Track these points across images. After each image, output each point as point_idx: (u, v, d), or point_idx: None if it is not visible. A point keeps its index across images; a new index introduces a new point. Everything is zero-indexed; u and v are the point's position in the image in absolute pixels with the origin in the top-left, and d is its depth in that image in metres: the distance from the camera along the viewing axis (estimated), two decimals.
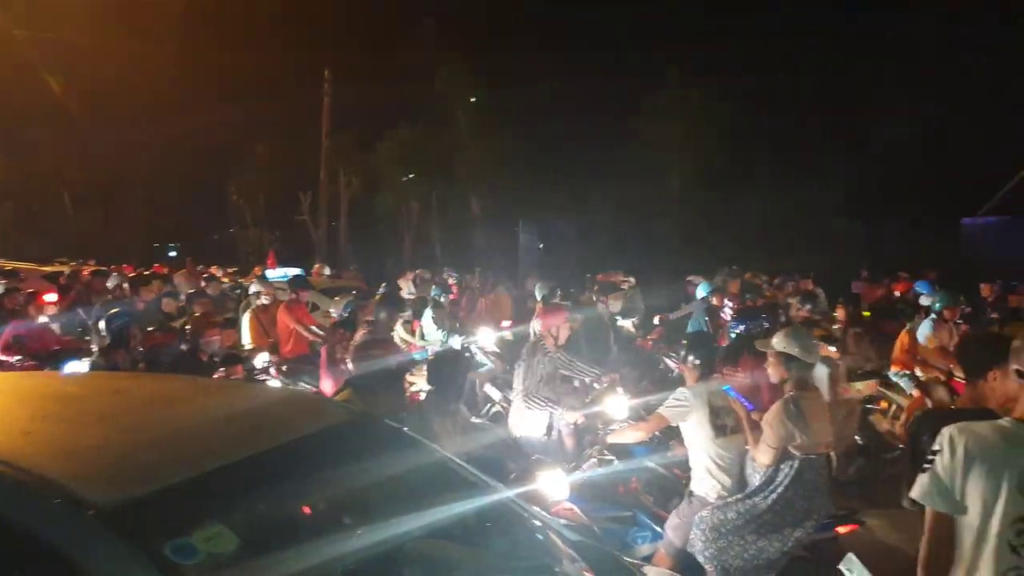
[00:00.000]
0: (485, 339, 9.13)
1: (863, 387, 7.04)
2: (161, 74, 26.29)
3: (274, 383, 7.45)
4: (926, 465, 2.41)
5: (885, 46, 24.63)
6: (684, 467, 4.65)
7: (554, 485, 4.21)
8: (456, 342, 9.24)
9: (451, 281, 15.34)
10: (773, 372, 4.33)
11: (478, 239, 23.77)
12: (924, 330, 7.43)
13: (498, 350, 8.88)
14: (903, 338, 7.55)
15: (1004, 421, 2.47)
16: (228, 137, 25.27)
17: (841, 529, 4.13)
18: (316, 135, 24.31)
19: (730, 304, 8.72)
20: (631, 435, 4.87)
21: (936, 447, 2.40)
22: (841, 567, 4.11)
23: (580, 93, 22.39)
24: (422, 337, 9.59)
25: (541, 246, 21.82)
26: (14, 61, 24.73)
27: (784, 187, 22.80)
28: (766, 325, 6.88)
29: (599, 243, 23.86)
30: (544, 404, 5.77)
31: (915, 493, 2.42)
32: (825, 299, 10.21)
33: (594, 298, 9.81)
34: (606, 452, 5.09)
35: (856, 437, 6.51)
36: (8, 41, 22.82)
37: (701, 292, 9.59)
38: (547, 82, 22.39)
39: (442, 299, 10.54)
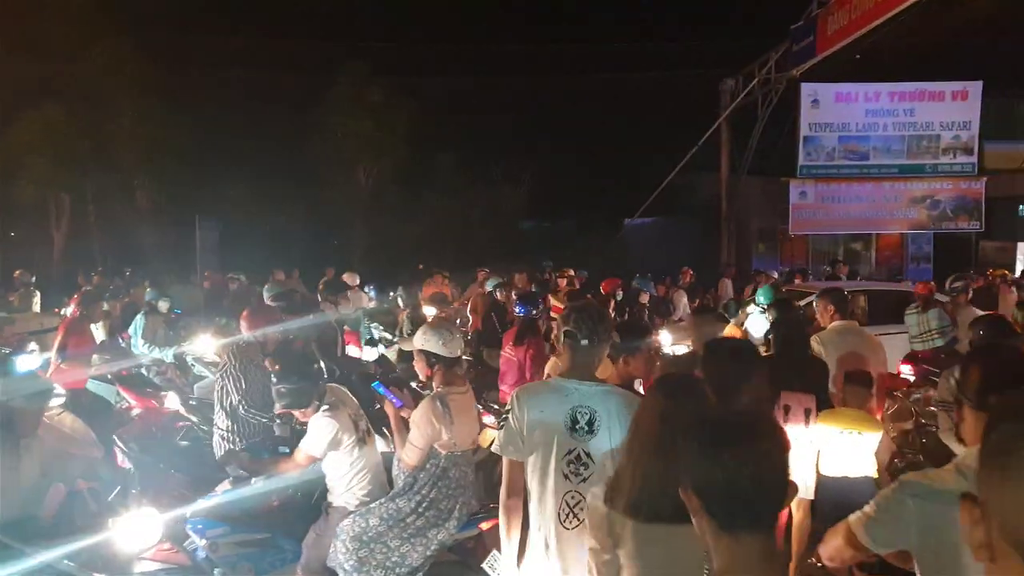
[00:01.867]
0: (204, 348, 8.14)
1: None
2: None
3: None
4: (501, 422, 2.94)
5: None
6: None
7: (136, 530, 3.50)
8: (168, 355, 8.18)
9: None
10: (419, 369, 4.12)
11: (147, 236, 21.30)
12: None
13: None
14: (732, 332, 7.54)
15: (552, 380, 3.08)
16: None
17: (484, 525, 3.96)
18: None
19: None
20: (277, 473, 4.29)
21: (507, 407, 2.94)
22: (484, 566, 3.97)
23: (263, 82, 21.06)
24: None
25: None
26: None
27: (473, 188, 23.60)
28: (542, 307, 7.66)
29: (289, 242, 22.78)
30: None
31: (494, 447, 2.94)
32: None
33: (319, 299, 9.15)
34: (242, 471, 4.47)
35: None
36: None
37: (488, 287, 9.84)
38: (226, 67, 20.76)
39: (160, 304, 9.15)
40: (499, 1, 28.67)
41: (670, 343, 8.49)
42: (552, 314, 8.76)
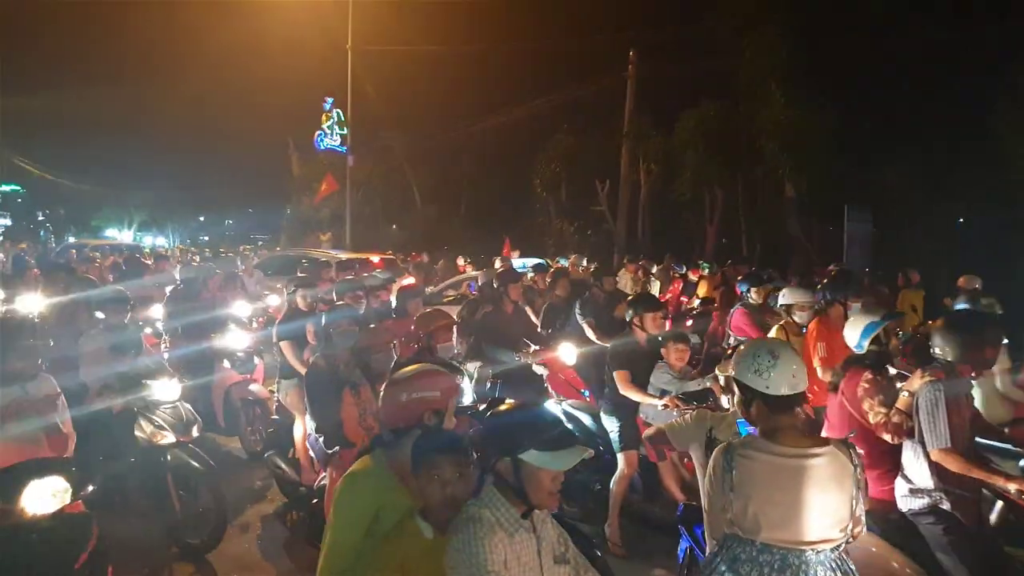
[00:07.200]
0: None
1: None
2: (484, 76, 27.65)
3: None
4: None
5: None
6: None
7: None
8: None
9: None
10: None
11: (793, 228, 20.16)
12: None
13: None
14: None
15: None
16: (534, 130, 25.80)
17: None
18: (616, 120, 22.99)
19: None
20: None
21: None
22: None
23: (922, 46, 17.44)
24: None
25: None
26: (373, 75, 28.05)
27: None
28: None
29: (954, 232, 18.75)
30: None
31: None
32: None
33: None
34: None
35: None
36: (368, 56, 25.68)
37: None
38: (879, 36, 17.94)
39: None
40: None
41: None
42: None
